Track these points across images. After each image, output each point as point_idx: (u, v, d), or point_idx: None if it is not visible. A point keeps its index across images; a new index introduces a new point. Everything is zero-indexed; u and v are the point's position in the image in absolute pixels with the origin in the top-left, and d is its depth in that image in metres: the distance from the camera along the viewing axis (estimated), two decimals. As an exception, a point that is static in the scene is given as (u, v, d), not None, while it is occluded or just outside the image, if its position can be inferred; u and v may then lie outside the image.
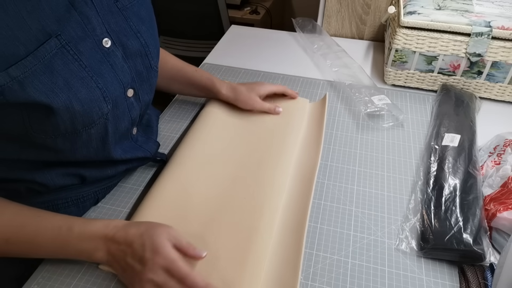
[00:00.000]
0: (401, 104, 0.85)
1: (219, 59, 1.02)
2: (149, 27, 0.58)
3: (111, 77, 0.51)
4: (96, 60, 0.49)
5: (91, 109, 0.49)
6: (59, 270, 0.53)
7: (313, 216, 0.62)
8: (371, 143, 0.75)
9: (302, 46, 1.08)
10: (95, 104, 0.49)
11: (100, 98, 0.50)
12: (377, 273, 0.54)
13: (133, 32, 0.55)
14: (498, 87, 0.84)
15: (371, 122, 0.79)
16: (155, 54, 0.60)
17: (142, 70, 0.58)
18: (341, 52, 0.98)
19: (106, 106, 0.51)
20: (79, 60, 0.47)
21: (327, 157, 0.72)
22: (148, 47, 0.57)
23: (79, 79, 0.47)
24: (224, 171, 0.67)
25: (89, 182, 0.60)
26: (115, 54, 0.52)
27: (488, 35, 0.78)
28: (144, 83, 0.59)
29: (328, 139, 0.76)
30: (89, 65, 0.48)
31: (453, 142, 0.68)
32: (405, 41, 0.83)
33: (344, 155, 0.73)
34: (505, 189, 0.59)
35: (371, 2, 1.05)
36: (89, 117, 0.49)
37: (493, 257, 0.54)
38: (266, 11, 2.05)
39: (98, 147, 0.55)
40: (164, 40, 1.93)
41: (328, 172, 0.69)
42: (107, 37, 0.51)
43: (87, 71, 0.48)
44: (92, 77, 0.48)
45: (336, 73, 0.91)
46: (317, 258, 0.56)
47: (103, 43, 0.50)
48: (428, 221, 0.57)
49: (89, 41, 0.48)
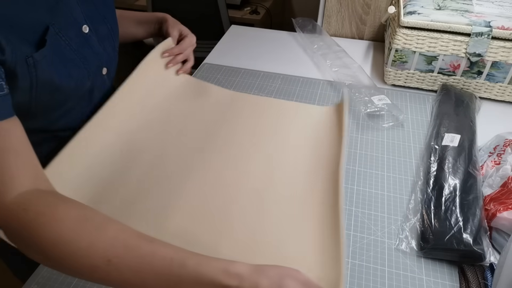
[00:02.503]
0: (401, 104, 0.85)
1: (219, 59, 1.02)
2: (112, 12, 0.65)
3: (91, 58, 0.58)
4: (80, 44, 0.56)
5: (81, 86, 0.57)
6: (59, 270, 0.53)
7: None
8: (371, 143, 0.75)
9: (302, 46, 1.08)
10: (83, 82, 0.57)
11: (86, 76, 0.57)
12: (377, 273, 0.54)
13: (101, 17, 0.61)
14: (498, 87, 0.84)
15: (371, 122, 0.79)
16: (116, 37, 0.66)
17: (110, 52, 0.65)
18: (341, 52, 0.98)
19: (88, 83, 0.59)
20: (70, 45, 0.54)
21: (327, 157, 0.72)
22: (113, 30, 0.64)
23: (71, 61, 0.54)
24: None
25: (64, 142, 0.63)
26: (92, 38, 0.58)
27: (488, 35, 0.78)
28: (113, 62, 0.67)
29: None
30: (77, 49, 0.55)
31: (453, 142, 0.68)
32: (405, 41, 0.83)
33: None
34: (505, 189, 0.59)
35: (371, 2, 1.05)
36: (79, 92, 0.57)
37: (493, 257, 0.54)
38: (266, 11, 2.05)
39: (77, 117, 0.62)
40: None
41: (328, 172, 0.69)
42: (85, 24, 0.57)
43: (76, 54, 0.55)
44: (80, 59, 0.56)
45: (336, 73, 0.91)
46: (317, 258, 0.56)
47: (83, 29, 0.57)
48: (428, 221, 0.57)
49: (74, 28, 0.55)
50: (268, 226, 0.57)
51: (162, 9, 1.80)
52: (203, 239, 0.55)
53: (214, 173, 0.65)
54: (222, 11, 1.74)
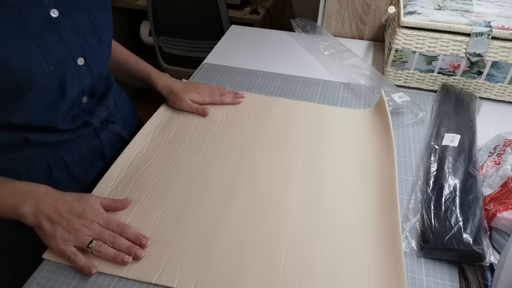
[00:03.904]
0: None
1: (219, 59, 1.02)
2: (101, 5, 0.63)
3: (55, 43, 0.56)
4: (40, 26, 0.54)
5: (30, 67, 0.53)
6: (59, 270, 0.53)
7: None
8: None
9: (303, 45, 1.08)
10: (34, 63, 0.54)
11: (41, 58, 0.54)
12: (377, 273, 0.54)
13: (82, 7, 0.60)
14: (498, 87, 0.84)
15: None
16: (105, 30, 0.64)
17: (93, 44, 0.62)
18: (347, 52, 0.98)
19: (48, 66, 0.55)
20: (22, 24, 0.52)
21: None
22: (98, 22, 0.62)
23: (19, 38, 0.52)
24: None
25: (33, 144, 0.62)
26: (62, 24, 0.57)
27: (488, 35, 0.78)
28: (96, 55, 0.63)
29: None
30: (31, 28, 0.53)
31: (453, 142, 0.68)
32: (405, 41, 0.83)
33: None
34: (505, 189, 0.59)
35: (371, 2, 1.05)
36: (29, 74, 0.53)
37: (493, 257, 0.54)
38: (266, 11, 2.05)
39: (43, 110, 0.59)
40: (164, 40, 1.93)
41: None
42: (54, 9, 0.56)
43: (29, 33, 0.53)
44: (33, 39, 0.53)
45: (348, 73, 0.91)
46: (317, 258, 0.56)
47: (50, 13, 0.55)
48: (428, 221, 0.57)
49: (35, 9, 0.54)
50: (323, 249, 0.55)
51: (162, 9, 1.80)
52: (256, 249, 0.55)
53: (259, 187, 0.64)
54: (222, 11, 1.73)
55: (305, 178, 0.65)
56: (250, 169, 0.67)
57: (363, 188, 0.63)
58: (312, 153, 0.70)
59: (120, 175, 0.66)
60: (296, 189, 0.64)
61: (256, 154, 0.70)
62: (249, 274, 0.52)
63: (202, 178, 0.66)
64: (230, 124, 0.77)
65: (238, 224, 0.58)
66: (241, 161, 0.69)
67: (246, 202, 0.61)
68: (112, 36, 0.68)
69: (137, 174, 0.67)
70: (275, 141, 0.73)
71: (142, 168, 0.68)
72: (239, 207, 0.61)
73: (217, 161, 0.69)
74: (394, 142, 0.68)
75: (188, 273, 0.52)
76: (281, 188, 0.64)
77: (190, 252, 0.55)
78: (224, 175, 0.66)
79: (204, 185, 0.64)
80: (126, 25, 2.37)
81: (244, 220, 0.59)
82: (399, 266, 0.51)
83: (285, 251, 0.55)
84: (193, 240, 0.56)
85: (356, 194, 0.62)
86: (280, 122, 0.78)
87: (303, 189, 0.64)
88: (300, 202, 0.61)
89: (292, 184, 0.64)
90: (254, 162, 0.68)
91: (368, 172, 0.66)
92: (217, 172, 0.67)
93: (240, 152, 0.70)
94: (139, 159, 0.70)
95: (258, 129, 0.76)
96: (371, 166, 0.67)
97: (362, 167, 0.67)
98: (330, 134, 0.74)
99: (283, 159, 0.69)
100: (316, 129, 0.76)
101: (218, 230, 0.58)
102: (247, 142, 0.73)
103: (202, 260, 0.54)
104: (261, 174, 0.66)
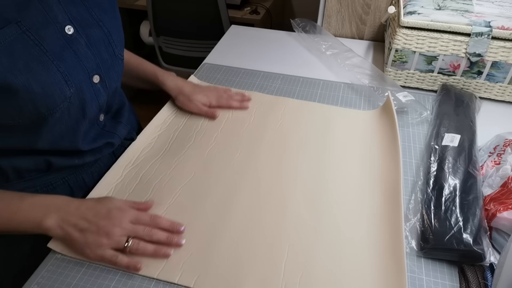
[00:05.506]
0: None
1: (219, 59, 1.02)
2: (112, 17, 0.62)
3: (73, 62, 0.54)
4: (58, 46, 0.52)
5: (52, 92, 0.52)
6: (59, 270, 0.53)
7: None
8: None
9: (303, 46, 1.08)
10: (56, 87, 0.52)
11: (62, 81, 0.53)
12: (377, 273, 0.54)
13: (95, 21, 0.58)
14: (498, 87, 0.84)
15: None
16: (118, 42, 0.63)
17: (107, 58, 0.61)
18: (349, 51, 0.98)
19: (69, 89, 0.54)
20: (40, 45, 0.50)
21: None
22: (112, 35, 0.61)
23: (39, 63, 0.50)
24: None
25: (56, 168, 0.61)
26: (78, 41, 0.55)
27: (488, 35, 0.78)
28: (110, 70, 0.62)
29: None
30: (50, 50, 0.51)
31: (453, 142, 0.68)
32: (405, 41, 0.83)
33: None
34: (505, 189, 0.59)
35: (371, 2, 1.05)
36: (51, 99, 0.52)
37: (493, 257, 0.54)
38: (266, 11, 2.05)
39: (65, 133, 0.58)
40: (164, 40, 1.93)
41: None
42: (69, 25, 0.54)
43: (48, 55, 0.51)
44: (53, 61, 0.51)
45: (351, 73, 0.91)
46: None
47: (65, 30, 0.54)
48: (428, 221, 0.57)
49: (51, 28, 0.52)
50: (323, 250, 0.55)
51: (162, 9, 1.80)
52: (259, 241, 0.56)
53: (264, 186, 0.64)
54: (222, 11, 1.73)
55: (309, 178, 0.65)
56: (254, 168, 0.67)
57: (367, 189, 0.63)
58: (318, 153, 0.70)
59: (126, 169, 0.67)
60: (300, 189, 0.64)
61: (261, 154, 0.70)
62: (250, 272, 0.52)
63: (207, 176, 0.66)
64: (236, 123, 0.78)
65: (241, 222, 0.58)
66: (246, 160, 0.69)
67: (250, 201, 0.62)
68: (124, 47, 0.66)
69: (143, 170, 0.67)
70: (281, 140, 0.73)
71: (148, 164, 0.68)
72: (242, 205, 0.61)
73: (222, 159, 0.69)
74: (400, 144, 0.69)
75: (190, 269, 0.53)
76: (285, 187, 0.64)
77: (193, 249, 0.55)
78: (229, 173, 0.66)
79: (209, 183, 0.65)
80: (126, 25, 2.36)
81: (247, 218, 0.59)
82: (401, 267, 0.51)
83: (286, 250, 0.55)
84: (196, 237, 0.56)
85: (360, 195, 0.62)
86: (286, 122, 0.78)
87: (307, 189, 0.64)
88: (303, 201, 0.62)
89: (296, 184, 0.64)
90: (259, 161, 0.69)
91: (373, 174, 0.66)
92: (222, 171, 0.67)
93: (245, 151, 0.71)
94: (145, 155, 0.70)
95: (264, 128, 0.76)
96: (376, 168, 0.67)
97: (368, 169, 0.67)
98: (337, 135, 0.74)
99: (289, 158, 0.69)
100: (322, 129, 0.76)
101: (221, 227, 0.58)
102: (253, 141, 0.73)
103: (204, 257, 0.54)
104: (265, 173, 0.66)
